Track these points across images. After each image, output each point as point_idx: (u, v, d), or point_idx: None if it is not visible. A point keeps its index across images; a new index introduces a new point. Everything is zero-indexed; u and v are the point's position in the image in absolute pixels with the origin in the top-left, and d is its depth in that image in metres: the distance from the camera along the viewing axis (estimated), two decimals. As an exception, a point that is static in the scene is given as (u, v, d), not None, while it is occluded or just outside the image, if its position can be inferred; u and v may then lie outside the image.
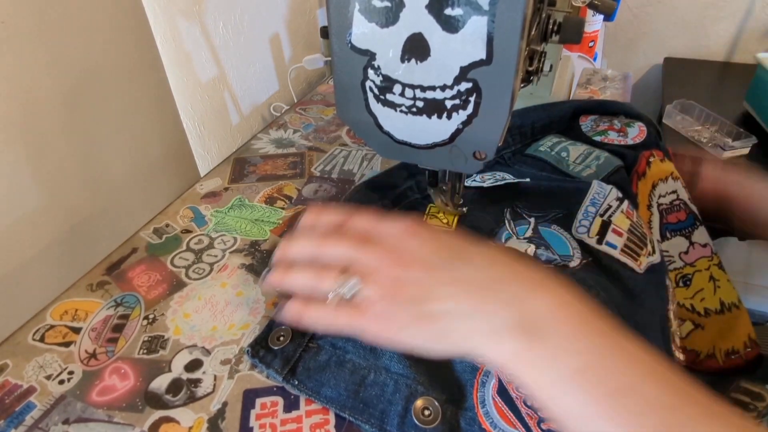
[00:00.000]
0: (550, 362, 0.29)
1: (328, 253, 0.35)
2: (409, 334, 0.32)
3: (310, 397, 0.36)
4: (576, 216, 0.47)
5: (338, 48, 0.39)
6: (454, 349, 0.32)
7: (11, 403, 0.37)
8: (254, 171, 0.62)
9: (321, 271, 0.34)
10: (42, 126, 0.47)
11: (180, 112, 0.65)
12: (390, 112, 0.41)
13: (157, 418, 0.36)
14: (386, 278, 0.33)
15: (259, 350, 0.39)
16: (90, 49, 0.50)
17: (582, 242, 0.45)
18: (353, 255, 0.35)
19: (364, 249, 0.35)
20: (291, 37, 0.88)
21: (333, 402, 0.36)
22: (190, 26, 0.65)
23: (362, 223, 0.37)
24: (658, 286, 0.43)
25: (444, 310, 0.32)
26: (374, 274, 0.34)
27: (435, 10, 0.34)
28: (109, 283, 0.47)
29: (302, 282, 0.35)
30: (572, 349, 0.29)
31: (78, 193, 0.52)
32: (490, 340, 0.30)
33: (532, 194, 0.51)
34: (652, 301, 0.41)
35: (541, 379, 0.29)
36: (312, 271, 0.35)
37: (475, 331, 0.31)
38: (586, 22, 0.99)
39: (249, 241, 0.51)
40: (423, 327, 0.32)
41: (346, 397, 0.36)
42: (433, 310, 0.32)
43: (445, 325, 0.32)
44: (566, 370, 0.28)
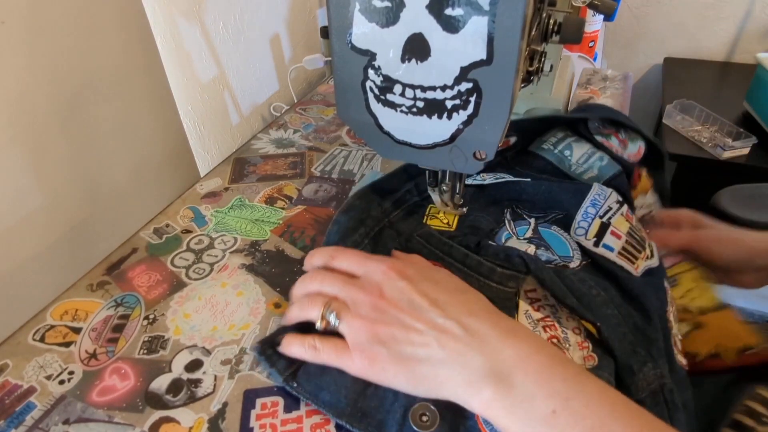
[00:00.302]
0: (521, 408, 0.31)
1: (314, 288, 0.40)
2: (391, 375, 0.35)
3: (308, 400, 0.36)
4: (575, 217, 0.47)
5: (338, 48, 0.39)
6: (434, 394, 0.34)
7: (11, 404, 0.37)
8: (254, 171, 0.62)
9: (308, 304, 0.38)
10: (42, 126, 0.47)
11: (180, 112, 0.65)
12: (390, 112, 0.41)
13: (157, 419, 0.36)
14: (367, 313, 0.36)
15: (267, 349, 0.39)
16: (90, 50, 0.50)
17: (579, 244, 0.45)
18: (338, 289, 0.38)
19: (351, 286, 0.38)
20: (291, 37, 0.88)
21: (330, 408, 0.35)
22: (190, 26, 0.65)
23: (349, 260, 0.41)
24: (657, 288, 0.43)
25: (421, 355, 0.34)
26: (356, 307, 0.37)
27: (435, 10, 0.34)
28: (110, 283, 0.47)
29: (294, 314, 0.39)
30: (538, 396, 0.31)
31: (78, 193, 0.52)
32: (467, 389, 0.33)
33: (532, 195, 0.50)
34: (650, 303, 0.41)
35: (514, 426, 0.31)
36: (301, 303, 0.39)
37: (452, 379, 0.33)
38: (586, 22, 0.99)
39: (249, 241, 0.51)
40: (402, 369, 0.34)
41: (345, 404, 0.35)
42: (410, 353, 0.34)
43: (423, 370, 0.34)
44: (537, 416, 0.30)
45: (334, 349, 0.36)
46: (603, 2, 0.60)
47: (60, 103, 0.49)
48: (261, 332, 0.42)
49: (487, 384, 0.32)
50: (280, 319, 0.43)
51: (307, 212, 0.55)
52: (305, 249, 0.50)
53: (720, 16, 1.53)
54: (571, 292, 0.40)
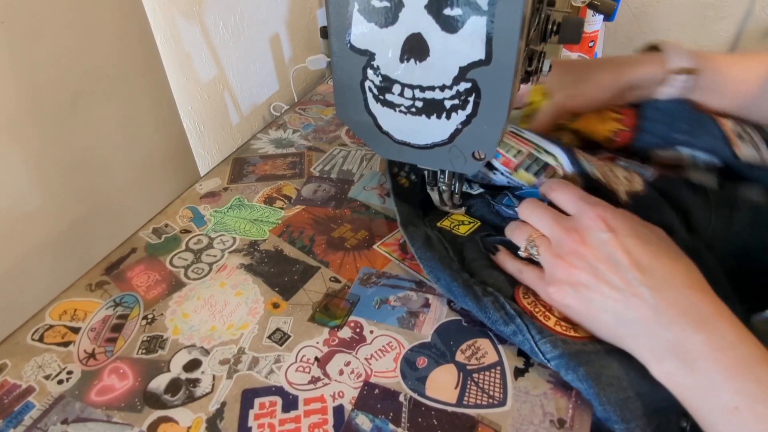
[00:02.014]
0: (702, 393, 0.31)
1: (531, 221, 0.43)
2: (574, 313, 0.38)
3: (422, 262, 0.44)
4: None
5: (337, 48, 0.39)
6: (611, 340, 0.36)
7: (10, 403, 0.37)
8: (253, 171, 0.62)
9: (517, 232, 0.43)
10: (42, 126, 0.47)
11: (180, 112, 0.65)
12: (389, 112, 0.41)
13: (155, 418, 0.36)
14: (565, 255, 0.38)
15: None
16: (90, 50, 0.50)
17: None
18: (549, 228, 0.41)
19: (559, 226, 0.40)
20: (291, 37, 0.88)
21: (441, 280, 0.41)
22: (190, 26, 0.65)
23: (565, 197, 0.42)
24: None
25: (608, 308, 0.36)
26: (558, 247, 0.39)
27: (434, 10, 0.34)
28: (108, 283, 0.47)
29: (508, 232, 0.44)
30: (723, 389, 0.30)
31: (77, 193, 0.52)
32: (648, 353, 0.34)
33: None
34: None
35: (694, 407, 0.32)
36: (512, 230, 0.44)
37: (634, 340, 0.35)
38: (586, 22, 0.99)
39: (248, 241, 0.51)
40: (587, 312, 0.37)
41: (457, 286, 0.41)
42: (598, 302, 0.36)
43: (607, 320, 0.36)
44: (717, 406, 0.31)
45: (535, 276, 0.41)
46: (603, 2, 0.60)
47: (59, 103, 0.49)
48: (260, 332, 0.42)
49: (669, 359, 0.32)
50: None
51: (306, 212, 0.55)
52: (304, 249, 0.50)
53: (720, 16, 1.52)
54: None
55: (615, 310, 0.35)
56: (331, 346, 0.41)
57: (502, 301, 0.40)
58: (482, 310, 0.40)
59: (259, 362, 0.40)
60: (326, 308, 0.44)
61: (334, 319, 0.43)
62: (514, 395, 0.37)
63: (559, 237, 0.39)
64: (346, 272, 0.47)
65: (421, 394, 0.37)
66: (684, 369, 0.32)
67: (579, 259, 0.37)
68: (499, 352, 0.40)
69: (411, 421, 0.35)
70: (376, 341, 0.41)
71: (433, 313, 0.43)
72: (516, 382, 0.38)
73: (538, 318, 0.39)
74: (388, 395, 0.37)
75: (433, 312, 0.43)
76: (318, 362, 0.40)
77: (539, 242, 0.41)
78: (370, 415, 0.36)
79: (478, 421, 0.35)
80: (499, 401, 0.36)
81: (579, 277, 0.37)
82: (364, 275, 0.47)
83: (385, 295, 0.45)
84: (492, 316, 0.39)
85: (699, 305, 0.33)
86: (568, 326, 0.39)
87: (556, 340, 0.37)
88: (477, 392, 0.37)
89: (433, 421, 0.35)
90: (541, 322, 0.39)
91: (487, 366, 0.39)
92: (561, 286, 0.38)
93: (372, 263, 0.48)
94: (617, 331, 0.36)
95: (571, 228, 0.39)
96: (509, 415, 0.36)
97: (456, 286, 0.41)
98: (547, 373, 0.38)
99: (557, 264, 0.38)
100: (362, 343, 0.41)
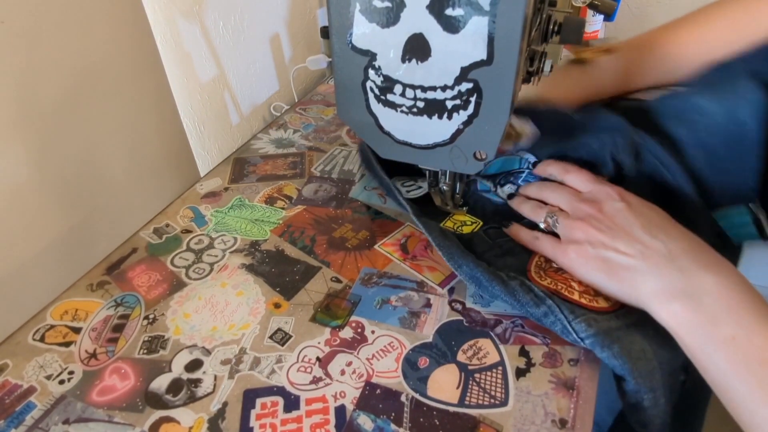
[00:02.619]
0: (703, 328, 0.34)
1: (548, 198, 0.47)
2: (592, 269, 0.40)
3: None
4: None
5: (339, 48, 0.39)
6: (626, 295, 0.39)
7: (11, 403, 0.37)
8: (254, 171, 0.62)
9: (537, 208, 0.47)
10: (42, 126, 0.47)
11: (180, 112, 0.65)
12: (390, 113, 0.41)
13: (157, 418, 0.36)
14: (583, 221, 0.42)
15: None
16: (90, 50, 0.50)
17: None
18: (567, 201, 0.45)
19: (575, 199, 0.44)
20: (291, 37, 0.88)
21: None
22: (190, 26, 0.65)
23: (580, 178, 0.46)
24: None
25: (623, 262, 0.39)
26: (575, 213, 0.43)
27: (436, 10, 0.34)
28: (109, 283, 0.47)
29: (526, 210, 0.48)
30: (724, 321, 0.33)
31: (78, 193, 0.52)
32: (657, 299, 0.36)
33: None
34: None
35: (693, 343, 0.34)
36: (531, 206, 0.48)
37: (646, 286, 0.37)
38: (587, 23, 0.99)
39: (249, 241, 0.51)
40: (604, 268, 0.40)
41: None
42: (614, 257, 0.39)
43: (622, 273, 0.39)
44: (716, 337, 0.33)
45: (551, 242, 0.44)
46: (603, 2, 0.60)
47: (59, 103, 0.48)
48: (261, 332, 0.42)
49: (678, 299, 0.35)
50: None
51: (307, 212, 0.55)
52: (305, 249, 0.50)
53: (720, 16, 1.52)
54: None
55: (630, 264, 0.38)
56: (333, 346, 0.41)
57: (528, 284, 0.41)
58: (511, 293, 0.40)
59: (261, 362, 0.40)
60: (327, 308, 0.44)
61: (336, 319, 0.43)
62: (516, 395, 0.37)
63: (576, 207, 0.44)
64: (348, 272, 0.47)
65: (422, 394, 0.37)
66: (691, 305, 0.34)
67: (597, 222, 0.41)
68: (500, 352, 0.40)
69: (413, 421, 0.35)
70: (377, 341, 0.41)
71: (434, 313, 0.43)
72: (517, 382, 0.38)
73: (563, 294, 0.41)
74: (390, 395, 0.37)
75: (434, 312, 0.43)
76: (319, 362, 0.40)
77: (559, 214, 0.44)
78: (372, 415, 0.36)
79: (479, 421, 0.35)
80: (501, 401, 0.36)
81: (596, 236, 0.40)
82: (365, 275, 0.47)
83: (387, 295, 0.45)
84: (522, 299, 0.40)
85: (706, 254, 0.38)
86: (592, 297, 0.41)
87: (589, 319, 0.38)
88: (478, 392, 0.37)
89: (435, 421, 0.35)
90: (568, 298, 0.40)
91: (488, 366, 0.39)
92: (580, 245, 0.41)
93: (373, 263, 0.48)
94: (630, 283, 0.38)
95: (587, 199, 0.44)
96: (511, 415, 0.36)
97: (480, 272, 0.42)
98: (548, 373, 0.38)
99: (576, 225, 0.42)
100: (364, 343, 0.41)
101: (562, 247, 0.43)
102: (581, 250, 0.41)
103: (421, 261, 0.48)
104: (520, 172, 0.52)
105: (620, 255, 0.39)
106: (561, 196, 0.46)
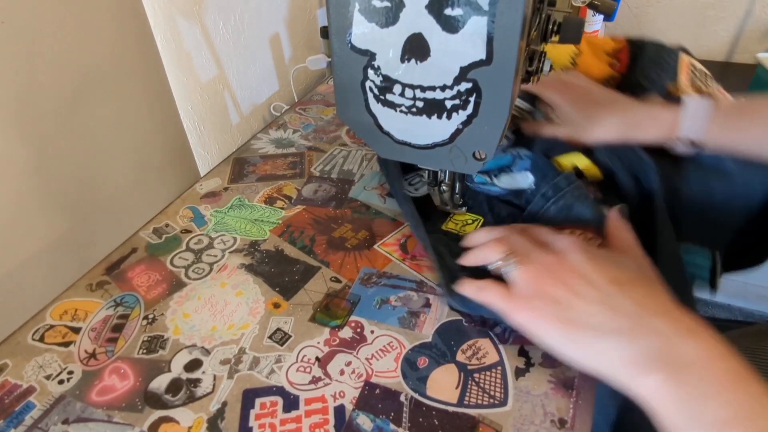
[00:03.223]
0: (691, 406, 0.29)
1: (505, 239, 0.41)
2: (548, 331, 0.35)
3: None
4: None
5: (338, 48, 0.39)
6: (589, 362, 0.33)
7: (11, 403, 0.37)
8: (254, 171, 0.62)
9: (491, 250, 0.40)
10: (42, 126, 0.47)
11: (180, 112, 0.65)
12: (390, 112, 0.41)
13: (156, 418, 0.36)
14: (540, 271, 0.37)
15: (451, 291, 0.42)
16: (90, 50, 0.50)
17: None
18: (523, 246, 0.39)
19: (534, 246, 0.39)
20: (291, 37, 0.88)
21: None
22: (190, 26, 0.65)
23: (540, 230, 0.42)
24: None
25: (587, 322, 0.33)
26: (532, 264, 0.37)
27: (435, 10, 0.34)
28: (109, 283, 0.47)
29: (472, 258, 0.42)
30: (719, 400, 0.28)
31: (78, 193, 0.52)
32: (631, 369, 0.31)
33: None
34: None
35: (680, 421, 0.29)
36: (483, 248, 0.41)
37: (615, 353, 0.32)
38: (586, 22, 0.99)
39: (249, 241, 0.51)
40: (562, 330, 0.34)
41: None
42: (575, 317, 0.34)
43: (585, 337, 0.33)
44: (707, 419, 0.28)
45: (499, 292, 0.38)
46: (603, 2, 0.60)
47: (59, 103, 0.48)
48: (260, 332, 0.42)
49: (658, 368, 0.30)
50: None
51: (307, 212, 0.55)
52: (305, 249, 0.50)
53: (720, 16, 1.52)
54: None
55: (595, 323, 0.33)
56: (332, 346, 0.41)
57: None
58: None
59: (260, 362, 0.40)
60: (327, 308, 0.44)
61: (335, 319, 0.43)
62: (515, 395, 0.37)
63: (535, 255, 0.38)
64: (347, 272, 0.47)
65: (422, 394, 0.37)
66: (674, 378, 0.29)
67: (555, 275, 0.36)
68: (499, 352, 0.40)
69: (412, 421, 0.35)
70: (376, 341, 0.41)
71: (433, 313, 0.43)
72: (517, 382, 0.38)
73: None
74: (389, 395, 0.37)
75: (433, 312, 0.43)
76: (319, 362, 0.40)
77: (515, 256, 0.39)
78: (371, 415, 0.36)
79: (479, 421, 0.35)
80: (500, 401, 0.36)
81: (555, 291, 0.35)
82: (364, 275, 0.47)
83: (386, 295, 0.45)
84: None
85: (683, 317, 0.32)
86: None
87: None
88: (478, 392, 0.37)
89: (434, 421, 0.35)
90: None
91: (487, 366, 0.39)
92: (534, 301, 0.36)
93: (373, 263, 0.48)
94: (598, 346, 0.32)
95: (548, 249, 0.39)
96: (510, 414, 0.36)
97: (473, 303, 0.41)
98: (547, 372, 0.38)
99: (532, 278, 0.37)
100: (363, 343, 0.41)
101: (515, 302, 0.37)
102: (534, 307, 0.35)
103: (421, 261, 0.48)
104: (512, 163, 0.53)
105: (582, 315, 0.33)
106: (519, 239, 0.40)
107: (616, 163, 0.51)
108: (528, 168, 0.51)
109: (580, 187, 0.46)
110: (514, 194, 0.51)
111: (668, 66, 0.60)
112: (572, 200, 0.46)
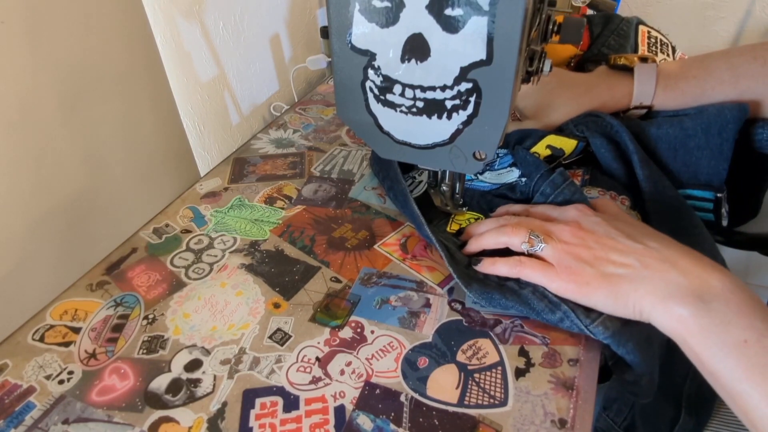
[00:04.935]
0: (714, 332, 0.33)
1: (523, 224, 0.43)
2: (592, 289, 0.38)
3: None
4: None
5: (338, 48, 0.39)
6: (628, 310, 0.37)
7: (11, 403, 0.37)
8: (254, 171, 0.62)
9: (512, 231, 0.42)
10: (42, 126, 0.47)
11: (180, 112, 0.65)
12: (390, 113, 0.41)
13: (156, 418, 0.36)
14: (567, 241, 0.40)
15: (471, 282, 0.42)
16: (90, 50, 0.50)
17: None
18: (539, 226, 0.42)
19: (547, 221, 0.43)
20: (291, 37, 0.88)
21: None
22: (190, 26, 0.65)
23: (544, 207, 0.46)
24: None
25: (623, 273, 0.37)
26: (557, 237, 0.41)
27: (435, 10, 0.34)
28: (109, 283, 0.47)
29: (492, 239, 0.44)
30: (738, 324, 0.32)
31: (77, 193, 0.52)
32: (663, 304, 0.35)
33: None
34: None
35: (702, 348, 0.33)
36: (503, 230, 0.43)
37: (649, 294, 0.36)
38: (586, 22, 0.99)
39: (249, 241, 0.51)
40: (604, 284, 0.37)
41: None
42: (612, 271, 0.38)
43: (624, 286, 0.37)
44: (728, 342, 0.32)
45: (539, 265, 0.41)
46: (603, 2, 0.60)
47: (59, 103, 0.48)
48: (260, 332, 0.42)
49: (685, 302, 0.34)
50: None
51: (307, 212, 0.55)
52: (305, 249, 0.50)
53: (720, 16, 1.52)
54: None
55: (629, 273, 0.37)
56: (332, 346, 0.41)
57: (541, 290, 0.41)
58: (525, 303, 0.40)
59: (260, 362, 0.40)
60: (327, 308, 0.44)
61: (335, 319, 0.43)
62: (515, 395, 0.37)
63: (555, 228, 0.42)
64: (347, 272, 0.47)
65: (422, 395, 0.37)
66: (700, 310, 0.33)
67: (582, 240, 0.40)
68: (500, 352, 0.40)
69: (412, 422, 0.35)
70: (377, 341, 0.41)
71: (434, 313, 0.43)
72: (517, 382, 0.38)
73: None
74: (389, 395, 0.37)
75: (434, 312, 0.43)
76: (319, 362, 0.40)
77: (541, 233, 0.42)
78: (372, 415, 0.36)
79: (479, 421, 0.35)
80: (500, 401, 0.36)
81: (588, 254, 0.39)
82: (364, 275, 0.47)
83: (386, 295, 0.45)
84: (536, 307, 0.40)
85: (701, 257, 0.37)
86: None
87: (605, 321, 0.38)
88: (478, 392, 0.37)
89: (435, 422, 0.35)
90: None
91: (488, 366, 0.39)
92: (576, 266, 0.39)
93: (373, 263, 0.48)
94: (634, 295, 0.36)
95: (562, 221, 0.43)
96: (510, 415, 0.36)
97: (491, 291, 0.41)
98: (547, 373, 0.38)
99: (565, 248, 0.40)
100: (363, 343, 0.41)
101: (554, 270, 0.40)
102: (577, 271, 0.39)
103: (421, 261, 0.48)
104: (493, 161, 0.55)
105: (618, 267, 0.38)
106: (531, 220, 0.44)
107: (586, 132, 0.53)
108: (510, 163, 0.54)
109: (575, 183, 0.49)
110: (509, 188, 0.53)
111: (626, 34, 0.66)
112: (570, 195, 0.48)
